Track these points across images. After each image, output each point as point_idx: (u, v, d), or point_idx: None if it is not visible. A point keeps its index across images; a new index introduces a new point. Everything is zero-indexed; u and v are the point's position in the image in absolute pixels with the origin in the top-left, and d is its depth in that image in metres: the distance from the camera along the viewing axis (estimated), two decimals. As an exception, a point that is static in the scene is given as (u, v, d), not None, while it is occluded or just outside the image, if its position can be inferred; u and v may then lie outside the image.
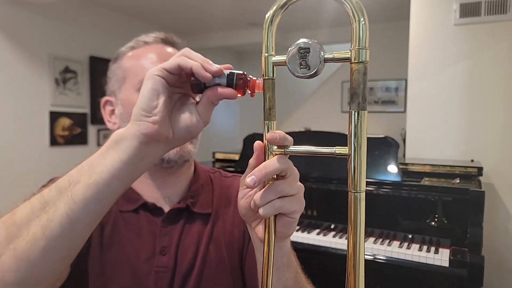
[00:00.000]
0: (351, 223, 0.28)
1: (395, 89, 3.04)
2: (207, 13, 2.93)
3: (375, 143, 1.33)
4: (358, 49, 0.27)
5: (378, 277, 1.22)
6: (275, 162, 0.32)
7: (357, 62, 0.27)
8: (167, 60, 0.48)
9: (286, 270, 0.40)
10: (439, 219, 1.20)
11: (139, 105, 0.33)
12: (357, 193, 0.28)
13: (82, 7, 2.63)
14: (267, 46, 0.33)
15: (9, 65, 2.24)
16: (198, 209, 0.53)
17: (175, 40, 0.53)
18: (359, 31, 0.26)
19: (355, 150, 0.28)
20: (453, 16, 1.73)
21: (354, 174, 0.28)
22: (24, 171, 2.34)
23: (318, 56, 0.29)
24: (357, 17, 0.26)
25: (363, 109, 0.27)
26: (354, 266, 0.28)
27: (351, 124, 0.27)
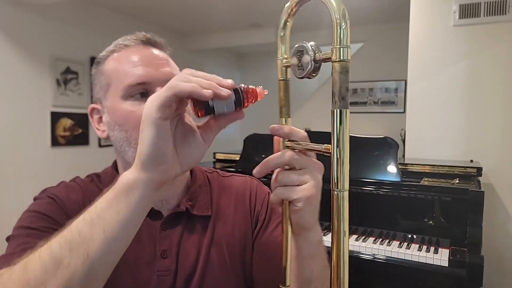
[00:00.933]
0: (334, 222, 0.28)
1: (395, 89, 3.04)
2: (208, 14, 2.94)
3: (375, 144, 1.34)
4: (339, 48, 0.27)
5: (377, 277, 1.22)
6: (277, 156, 0.35)
7: (338, 61, 0.27)
8: (148, 61, 0.48)
9: (311, 261, 0.40)
10: (438, 219, 1.21)
11: (147, 154, 0.32)
12: (340, 192, 0.28)
13: (83, 8, 2.64)
14: (281, 49, 0.35)
15: (11, 66, 2.25)
16: (197, 211, 0.52)
17: (156, 40, 0.51)
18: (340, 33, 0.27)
19: (337, 148, 0.28)
20: (453, 17, 1.73)
21: (336, 173, 0.28)
22: (25, 172, 2.35)
23: (309, 57, 0.30)
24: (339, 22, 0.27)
25: (345, 107, 0.27)
26: (338, 266, 0.28)
27: (333, 123, 0.28)
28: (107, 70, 0.50)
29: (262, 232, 0.54)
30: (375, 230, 1.29)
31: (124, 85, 0.47)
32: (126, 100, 0.47)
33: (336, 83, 0.27)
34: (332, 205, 0.29)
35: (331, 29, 0.28)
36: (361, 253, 1.20)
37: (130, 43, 0.50)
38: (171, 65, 0.50)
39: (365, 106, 3.16)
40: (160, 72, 0.47)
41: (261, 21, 3.11)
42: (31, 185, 2.37)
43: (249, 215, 0.55)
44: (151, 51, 0.49)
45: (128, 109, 0.47)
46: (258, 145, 1.59)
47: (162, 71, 0.48)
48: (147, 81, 0.47)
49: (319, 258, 0.41)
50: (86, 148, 2.72)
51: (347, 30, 0.27)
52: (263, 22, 3.15)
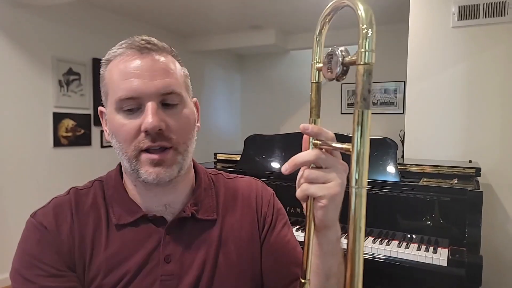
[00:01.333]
0: (352, 219, 0.30)
1: (394, 90, 3.06)
2: (208, 16, 2.95)
3: (374, 144, 1.35)
4: (364, 52, 0.29)
5: (377, 277, 1.23)
6: (304, 154, 0.37)
7: (363, 64, 0.29)
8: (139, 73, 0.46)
9: (330, 257, 0.42)
10: (437, 219, 1.21)
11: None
12: (359, 189, 0.30)
13: (84, 10, 2.66)
14: (315, 53, 0.37)
15: (13, 67, 2.26)
16: (202, 215, 0.52)
17: (154, 45, 0.48)
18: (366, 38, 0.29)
19: (359, 147, 0.30)
20: (452, 18, 1.75)
21: (356, 171, 0.30)
22: (28, 172, 2.36)
23: (337, 60, 0.32)
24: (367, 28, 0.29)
25: (366, 108, 0.29)
26: (353, 262, 0.29)
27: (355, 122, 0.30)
28: (106, 77, 0.49)
29: (270, 233, 0.54)
30: (374, 230, 1.30)
31: (116, 98, 0.46)
32: (118, 113, 0.47)
33: (359, 84, 0.29)
34: (350, 201, 0.30)
35: (333, 31, 0.29)
36: (360, 252, 1.21)
37: (125, 50, 0.47)
38: (169, 72, 0.47)
39: (365, 107, 3.17)
40: (152, 84, 0.45)
41: (261, 22, 3.12)
42: (34, 186, 2.38)
43: (255, 217, 0.55)
44: (145, 60, 0.46)
45: (120, 122, 0.47)
46: (258, 146, 1.60)
47: (154, 83, 0.45)
48: (136, 96, 0.45)
49: (338, 255, 0.43)
50: (88, 148, 2.73)
51: (373, 36, 0.29)
52: (263, 24, 3.16)
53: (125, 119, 0.46)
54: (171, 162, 0.47)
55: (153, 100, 0.46)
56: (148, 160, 0.46)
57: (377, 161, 1.34)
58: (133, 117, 0.46)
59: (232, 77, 4.42)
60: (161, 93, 0.46)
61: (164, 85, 0.46)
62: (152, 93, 0.45)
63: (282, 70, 4.10)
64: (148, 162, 0.46)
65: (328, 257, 0.42)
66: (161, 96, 0.46)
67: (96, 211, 0.51)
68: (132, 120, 0.46)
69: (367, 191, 0.30)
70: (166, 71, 0.47)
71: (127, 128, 0.46)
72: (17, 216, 2.27)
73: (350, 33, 3.23)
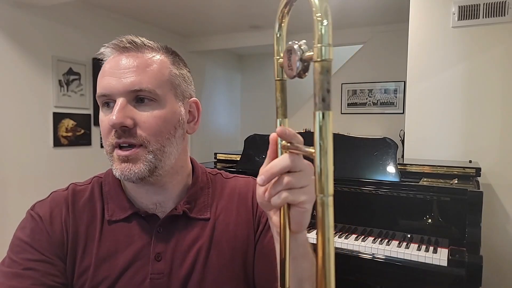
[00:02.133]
0: (319, 228, 0.26)
1: (394, 90, 3.06)
2: (208, 16, 2.95)
3: (374, 144, 1.35)
4: (320, 47, 0.25)
5: (376, 277, 1.23)
6: (280, 162, 0.34)
7: (320, 61, 0.25)
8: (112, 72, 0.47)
9: (302, 260, 0.41)
10: (437, 219, 1.21)
11: None
12: (325, 197, 0.26)
13: (85, 10, 2.66)
14: (277, 50, 0.34)
15: (13, 67, 2.26)
16: (195, 214, 0.52)
17: (133, 44, 0.49)
18: (321, 31, 0.25)
19: (320, 152, 0.26)
20: (452, 18, 1.74)
21: (320, 177, 0.26)
22: (28, 172, 2.36)
23: (296, 56, 0.29)
24: (321, 19, 0.25)
25: (326, 109, 0.26)
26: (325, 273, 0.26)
27: (315, 125, 0.26)
28: None
29: (264, 234, 0.54)
30: (374, 230, 1.29)
31: (96, 96, 0.49)
32: (101, 109, 0.50)
33: (316, 84, 0.25)
34: (317, 211, 0.27)
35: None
36: (360, 252, 1.21)
37: (108, 52, 0.50)
38: (143, 70, 0.47)
39: (364, 107, 3.17)
40: (120, 82, 0.46)
41: (261, 22, 3.12)
42: (34, 186, 2.38)
43: (251, 217, 0.54)
44: (119, 59, 0.48)
45: (101, 118, 0.49)
46: (258, 146, 1.60)
47: (123, 80, 0.46)
48: (107, 93, 0.47)
49: (308, 257, 0.43)
50: (88, 148, 2.73)
51: (329, 28, 0.25)
52: (263, 24, 3.16)
53: (103, 115, 0.49)
54: (137, 160, 0.47)
55: (123, 96, 0.47)
56: (116, 156, 0.48)
57: (377, 161, 1.34)
58: (108, 113, 0.48)
59: (232, 77, 4.42)
60: (129, 89, 0.47)
61: (133, 82, 0.47)
62: (120, 91, 0.47)
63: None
64: (117, 158, 0.48)
65: (300, 260, 0.41)
66: (131, 93, 0.47)
67: (91, 207, 0.52)
68: (107, 117, 0.48)
69: (367, 191, 0.29)
70: (140, 69, 0.47)
71: (103, 124, 0.48)
72: (17, 216, 2.26)
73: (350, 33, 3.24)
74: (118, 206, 0.51)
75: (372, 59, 3.08)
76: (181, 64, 0.53)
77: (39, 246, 0.48)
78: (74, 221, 0.50)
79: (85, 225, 0.50)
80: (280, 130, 0.33)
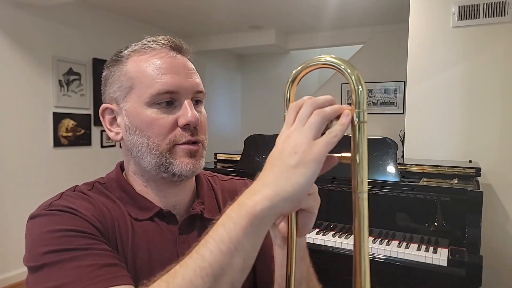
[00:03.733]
0: (356, 218, 0.31)
1: (394, 90, 3.06)
2: (208, 16, 2.96)
3: (374, 144, 1.35)
4: (358, 112, 0.32)
5: (377, 277, 1.23)
6: None
7: (359, 122, 0.32)
8: (177, 70, 0.47)
9: (302, 263, 0.42)
10: (437, 219, 1.21)
11: (299, 192, 0.31)
12: (361, 193, 0.32)
13: (85, 10, 2.66)
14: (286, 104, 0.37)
15: (14, 67, 2.26)
16: (208, 214, 0.53)
17: (183, 46, 0.50)
18: (359, 97, 0.31)
19: (359, 158, 0.32)
20: (452, 18, 1.75)
21: (357, 177, 0.32)
22: (28, 172, 2.36)
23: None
24: (356, 86, 0.31)
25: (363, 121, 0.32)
26: (360, 263, 0.30)
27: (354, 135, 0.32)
28: (130, 71, 0.48)
29: None
30: (374, 230, 1.29)
31: (151, 92, 0.46)
32: (151, 107, 0.46)
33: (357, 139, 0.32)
34: (356, 205, 0.32)
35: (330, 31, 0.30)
36: (360, 252, 1.21)
37: (156, 46, 0.48)
38: (197, 73, 0.51)
39: (365, 107, 3.17)
40: (188, 82, 0.47)
41: (262, 23, 3.12)
42: (34, 186, 2.39)
43: None
44: (179, 59, 0.49)
45: (153, 116, 0.46)
46: (258, 146, 1.60)
47: (190, 81, 0.48)
48: (175, 91, 0.46)
49: (306, 259, 0.44)
50: (88, 148, 2.73)
51: (364, 93, 0.31)
52: (263, 24, 3.16)
53: (159, 114, 0.46)
54: (201, 156, 0.50)
55: (189, 96, 0.48)
56: (186, 150, 0.47)
57: (377, 161, 1.34)
58: (167, 111, 0.47)
59: (232, 77, 4.42)
60: (196, 90, 0.49)
61: (198, 83, 0.50)
62: (188, 90, 0.48)
63: (282, 70, 4.10)
64: (185, 152, 0.47)
65: (300, 263, 0.42)
66: (195, 93, 0.49)
67: (114, 204, 0.49)
68: (167, 115, 0.47)
69: (368, 191, 0.31)
70: (195, 72, 0.51)
71: (162, 122, 0.46)
72: (17, 216, 2.27)
73: (350, 33, 3.23)
74: (137, 207, 0.49)
75: (372, 59, 3.08)
76: None
77: (91, 230, 0.42)
78: (101, 212, 0.46)
79: (115, 218, 0.47)
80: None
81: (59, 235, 0.40)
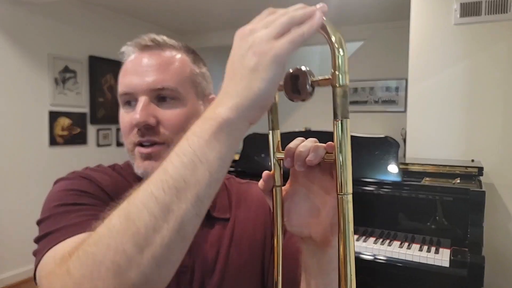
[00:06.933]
0: (340, 226, 0.30)
1: (396, 88, 3.03)
2: (206, 13, 2.93)
3: (375, 143, 1.33)
4: (338, 74, 0.29)
5: (378, 277, 1.22)
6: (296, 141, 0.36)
7: (339, 86, 0.29)
8: (135, 70, 0.47)
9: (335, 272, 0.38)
10: (439, 219, 1.20)
11: (265, 94, 0.29)
12: (345, 196, 0.30)
13: (81, 7, 2.63)
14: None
15: (9, 64, 2.24)
16: (217, 213, 0.52)
17: (154, 43, 0.49)
18: (339, 60, 0.29)
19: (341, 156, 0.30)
20: (454, 15, 1.72)
21: (341, 178, 0.30)
22: (23, 171, 2.34)
23: (306, 81, 0.31)
24: (337, 50, 0.29)
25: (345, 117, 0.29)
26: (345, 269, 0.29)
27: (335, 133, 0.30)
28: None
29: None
30: (376, 230, 1.28)
31: (118, 94, 0.49)
32: (122, 107, 0.50)
33: (339, 106, 0.29)
34: (339, 208, 0.30)
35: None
36: (361, 253, 1.20)
37: (130, 51, 0.50)
38: (165, 69, 0.48)
39: (365, 105, 3.15)
40: (143, 80, 0.47)
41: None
42: (29, 185, 2.36)
43: (269, 220, 0.55)
44: (141, 58, 0.48)
45: (122, 115, 0.50)
46: (258, 145, 1.58)
47: (145, 79, 0.47)
48: (129, 91, 0.48)
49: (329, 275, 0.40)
50: (84, 147, 2.71)
51: (345, 57, 0.29)
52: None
53: (123, 114, 0.49)
54: (160, 157, 0.47)
55: (145, 95, 0.47)
56: (138, 153, 0.48)
57: (378, 160, 1.32)
58: (130, 111, 0.48)
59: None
60: (151, 88, 0.47)
61: (155, 80, 0.47)
62: (143, 88, 0.47)
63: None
64: (138, 155, 0.48)
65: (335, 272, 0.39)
66: (153, 91, 0.47)
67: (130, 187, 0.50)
68: (128, 115, 0.48)
69: (369, 191, 0.29)
70: (162, 67, 0.48)
71: (124, 122, 0.49)
72: (13, 215, 2.25)
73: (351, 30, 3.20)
74: None
75: (373, 56, 3.06)
76: (201, 63, 0.54)
77: (103, 197, 0.45)
78: (117, 188, 0.48)
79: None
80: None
81: (71, 193, 0.44)
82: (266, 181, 0.37)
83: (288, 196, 0.38)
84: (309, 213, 0.38)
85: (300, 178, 0.38)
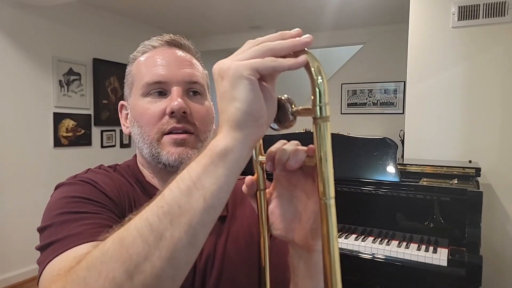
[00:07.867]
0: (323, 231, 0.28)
1: (394, 91, 3.06)
2: (208, 16, 2.96)
3: (374, 144, 1.35)
4: (319, 106, 0.28)
5: (376, 276, 1.23)
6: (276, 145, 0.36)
7: (319, 118, 0.28)
8: (169, 62, 0.49)
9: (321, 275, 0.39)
10: (437, 219, 1.21)
11: (245, 110, 0.28)
12: (328, 200, 0.28)
13: (85, 10, 2.66)
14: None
15: (14, 67, 2.27)
16: None
17: (181, 42, 0.53)
18: (318, 90, 0.28)
19: (321, 160, 0.29)
20: (451, 19, 1.75)
21: (323, 182, 0.29)
22: (28, 172, 2.36)
23: (287, 111, 0.31)
24: (316, 77, 0.28)
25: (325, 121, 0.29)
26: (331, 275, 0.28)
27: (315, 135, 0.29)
28: (133, 69, 0.53)
29: None
30: (374, 230, 1.30)
31: (143, 83, 0.49)
32: (145, 97, 0.50)
33: (318, 138, 0.28)
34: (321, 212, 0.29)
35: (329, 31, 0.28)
36: (360, 252, 1.21)
37: (156, 44, 0.52)
38: (194, 66, 0.52)
39: (364, 107, 3.18)
40: (178, 72, 0.49)
41: (261, 23, 3.13)
42: (34, 186, 2.39)
43: None
44: (173, 52, 0.51)
45: (145, 106, 0.49)
46: (258, 146, 1.60)
47: (181, 71, 0.49)
48: (164, 80, 0.49)
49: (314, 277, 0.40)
50: (88, 148, 2.73)
51: (324, 83, 0.28)
52: (263, 24, 3.16)
53: (150, 103, 0.49)
54: (193, 146, 0.49)
55: (180, 86, 0.49)
56: (170, 140, 0.48)
57: (377, 161, 1.34)
58: (158, 101, 0.49)
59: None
60: (187, 80, 0.49)
61: (190, 74, 0.50)
62: (178, 80, 0.49)
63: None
64: (171, 142, 0.48)
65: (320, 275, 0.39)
66: (187, 84, 0.50)
67: (132, 189, 0.50)
68: (157, 104, 0.49)
69: (367, 191, 0.30)
70: (191, 64, 0.51)
71: (152, 111, 0.48)
72: (17, 216, 2.27)
73: (350, 34, 3.24)
74: (149, 196, 0.49)
75: (372, 59, 3.09)
76: (204, 67, 0.57)
77: (105, 202, 0.44)
78: (120, 190, 0.48)
79: (133, 199, 0.48)
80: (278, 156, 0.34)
81: (73, 201, 0.43)
82: (249, 186, 0.37)
83: (272, 199, 0.38)
84: (293, 218, 0.37)
85: (283, 182, 0.37)
